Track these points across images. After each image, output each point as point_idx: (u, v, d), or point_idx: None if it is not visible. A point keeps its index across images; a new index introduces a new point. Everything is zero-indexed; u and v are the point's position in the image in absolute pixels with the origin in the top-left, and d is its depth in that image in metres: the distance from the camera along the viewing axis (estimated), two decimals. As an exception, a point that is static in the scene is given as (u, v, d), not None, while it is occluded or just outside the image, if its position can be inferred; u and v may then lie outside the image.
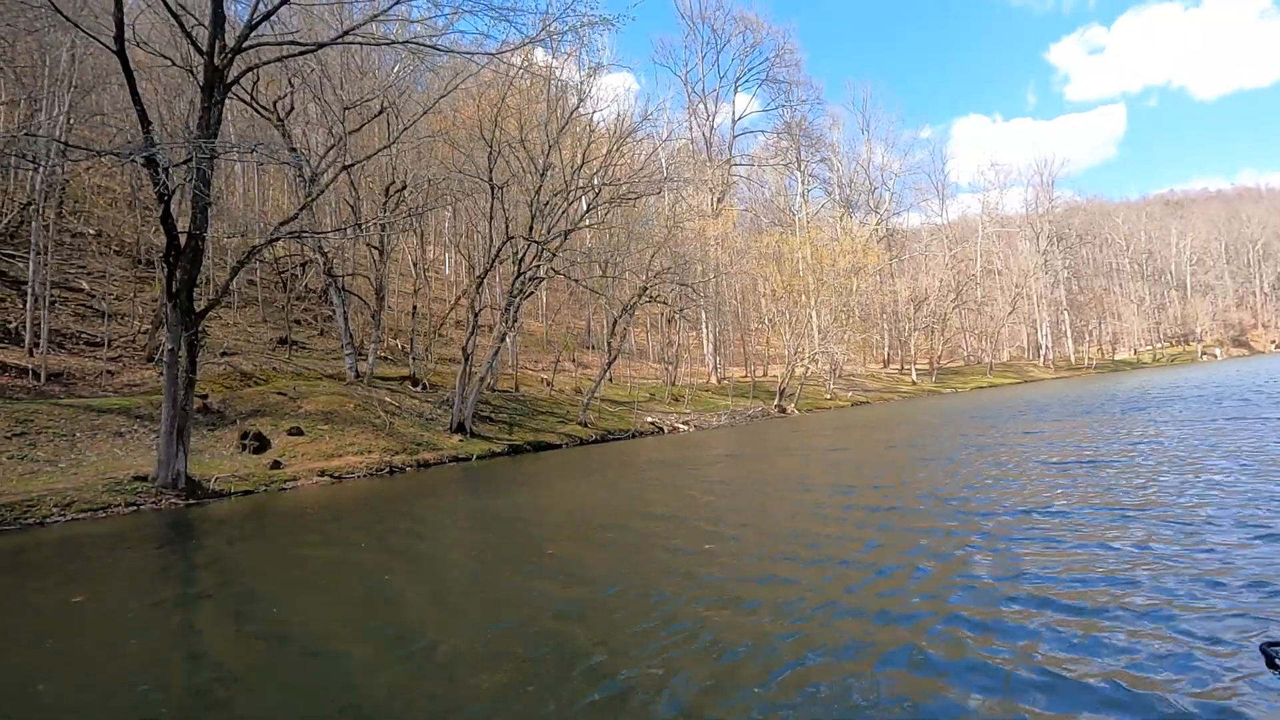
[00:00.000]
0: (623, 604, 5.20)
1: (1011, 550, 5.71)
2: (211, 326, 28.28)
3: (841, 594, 5.00)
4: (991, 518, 6.98)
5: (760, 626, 4.45)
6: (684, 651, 4.11)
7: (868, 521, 7.47)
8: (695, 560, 6.36)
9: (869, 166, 73.54)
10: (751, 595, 5.18)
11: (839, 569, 5.72)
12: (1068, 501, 7.35)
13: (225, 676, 4.42)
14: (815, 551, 6.38)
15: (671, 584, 5.61)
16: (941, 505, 7.92)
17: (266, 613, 5.86)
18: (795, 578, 5.57)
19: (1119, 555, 5.28)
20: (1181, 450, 10.00)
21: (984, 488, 8.80)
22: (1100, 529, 6.11)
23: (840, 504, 8.75)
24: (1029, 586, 4.76)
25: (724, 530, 7.77)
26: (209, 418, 18.00)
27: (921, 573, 5.32)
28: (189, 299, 13.19)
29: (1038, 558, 5.43)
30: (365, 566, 7.24)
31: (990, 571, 5.20)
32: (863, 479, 10.95)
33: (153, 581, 7.49)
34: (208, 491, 14.13)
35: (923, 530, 6.72)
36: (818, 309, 44.66)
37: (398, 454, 18.56)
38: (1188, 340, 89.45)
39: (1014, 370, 68.72)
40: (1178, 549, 5.26)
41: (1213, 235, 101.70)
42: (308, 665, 4.50)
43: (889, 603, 4.72)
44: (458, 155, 21.76)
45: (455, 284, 41.10)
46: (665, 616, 4.76)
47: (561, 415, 27.10)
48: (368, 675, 4.16)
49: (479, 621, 5.07)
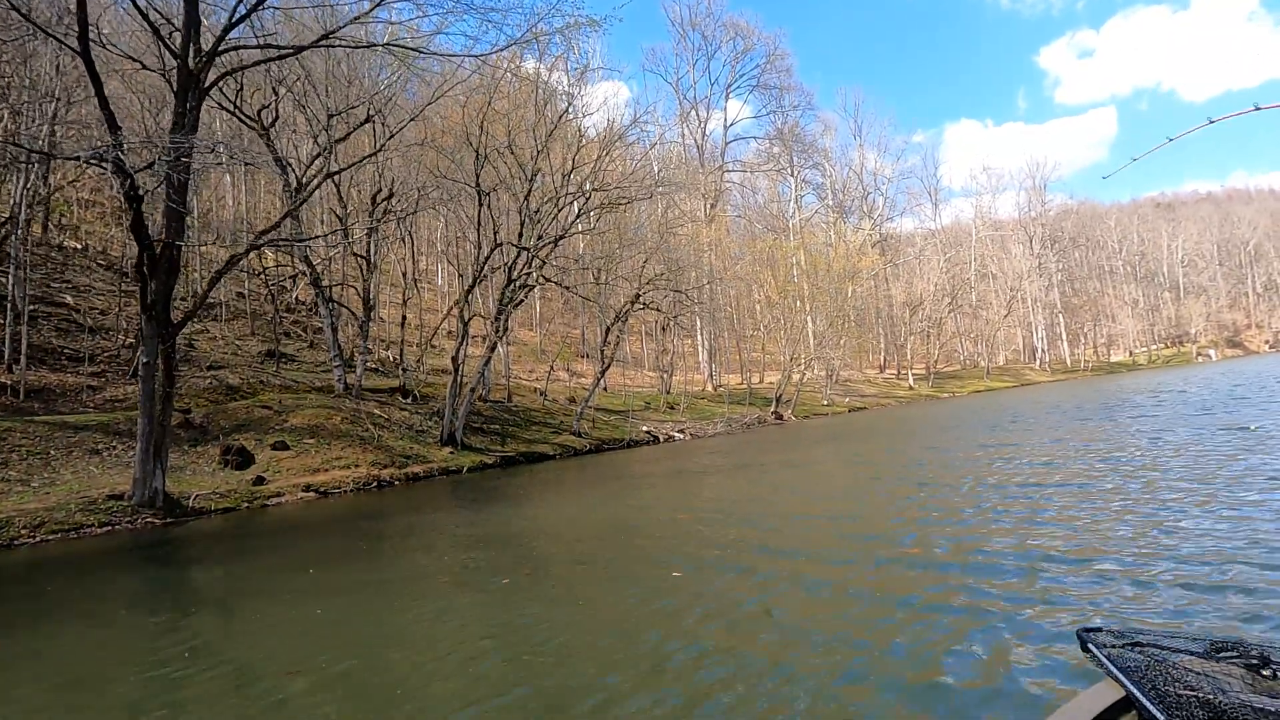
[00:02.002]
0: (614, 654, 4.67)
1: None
2: (199, 340, 27.83)
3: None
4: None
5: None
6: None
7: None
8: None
9: (862, 172, 73.59)
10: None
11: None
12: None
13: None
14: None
15: (675, 626, 4.81)
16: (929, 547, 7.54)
17: (214, 654, 5.11)
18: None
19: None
20: (1144, 470, 9.21)
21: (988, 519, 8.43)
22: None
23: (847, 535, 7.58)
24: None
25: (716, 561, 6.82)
26: (191, 433, 17.51)
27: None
28: (165, 311, 12.76)
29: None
30: (324, 598, 6.63)
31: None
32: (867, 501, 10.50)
33: (91, 611, 6.94)
34: (187, 510, 13.64)
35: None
36: (813, 315, 44.40)
37: (386, 467, 18.10)
38: (1182, 341, 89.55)
39: (1010, 374, 68.54)
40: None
41: (1205, 237, 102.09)
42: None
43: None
44: (445, 162, 21.40)
45: (448, 295, 40.70)
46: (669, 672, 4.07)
47: (555, 425, 26.65)
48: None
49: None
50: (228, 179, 39.54)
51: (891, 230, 75.80)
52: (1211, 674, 1.26)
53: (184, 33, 11.21)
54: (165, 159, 9.60)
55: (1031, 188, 79.79)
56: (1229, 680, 1.24)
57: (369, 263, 23.17)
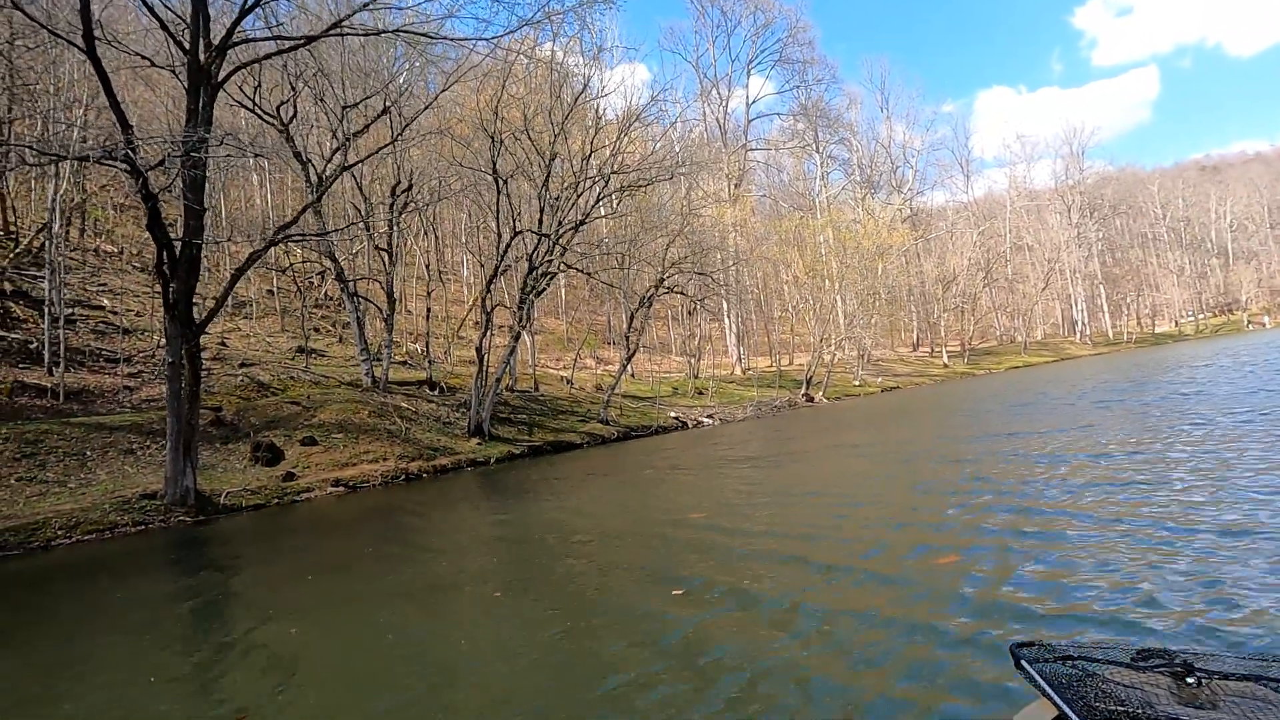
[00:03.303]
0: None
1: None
2: (230, 338, 28.25)
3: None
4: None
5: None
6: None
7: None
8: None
9: (890, 145, 71.67)
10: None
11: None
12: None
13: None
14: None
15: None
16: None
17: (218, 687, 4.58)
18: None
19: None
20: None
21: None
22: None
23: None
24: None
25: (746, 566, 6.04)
26: (222, 430, 17.69)
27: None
28: (188, 310, 12.76)
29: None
30: (317, 612, 6.12)
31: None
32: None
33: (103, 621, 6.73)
34: (218, 507, 13.74)
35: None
36: (843, 293, 43.44)
37: (413, 460, 18.08)
38: (1232, 309, 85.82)
39: (1050, 348, 66.52)
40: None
41: (1255, 199, 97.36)
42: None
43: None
44: (462, 151, 21.13)
45: (474, 286, 40.72)
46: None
47: (582, 414, 26.47)
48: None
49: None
50: (254, 179, 39.98)
51: (922, 205, 73.90)
52: (1139, 685, 1.29)
53: (192, 26, 11.08)
54: (175, 155, 9.47)
55: (1069, 155, 76.96)
56: (1156, 691, 1.27)
57: (391, 255, 23.11)
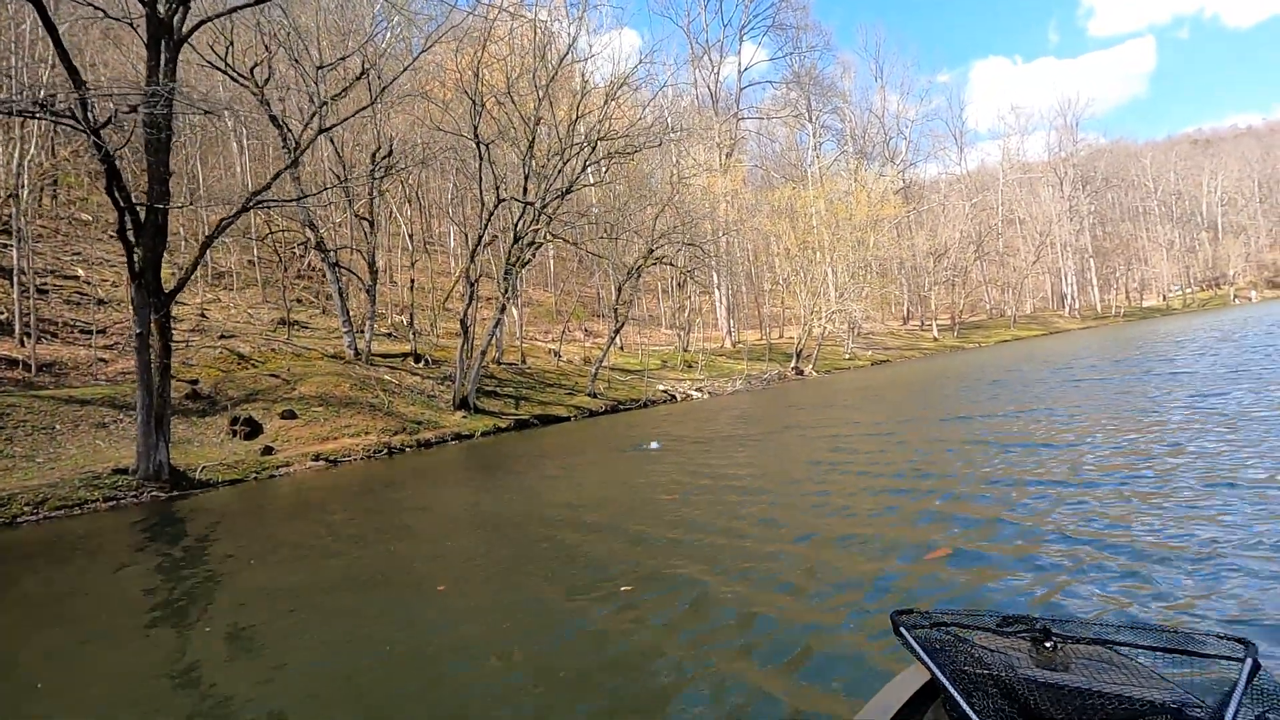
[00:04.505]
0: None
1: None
2: (211, 310, 27.64)
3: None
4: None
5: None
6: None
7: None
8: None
9: (883, 115, 70.72)
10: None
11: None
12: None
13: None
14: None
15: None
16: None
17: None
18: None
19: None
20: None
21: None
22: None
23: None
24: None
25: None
26: (199, 403, 17.27)
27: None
28: (156, 278, 12.27)
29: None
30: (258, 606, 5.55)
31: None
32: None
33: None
34: (193, 482, 13.40)
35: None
36: (834, 265, 43.08)
37: (396, 434, 17.77)
38: (1219, 283, 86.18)
39: (1039, 322, 66.66)
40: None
41: (1245, 173, 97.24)
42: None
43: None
44: (441, 114, 20.42)
45: (460, 257, 40.02)
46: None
47: (570, 386, 26.18)
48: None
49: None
50: (234, 146, 38.85)
51: (915, 176, 73.19)
52: (1003, 650, 1.36)
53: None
54: (124, 110, 8.92)
55: (1063, 127, 76.25)
56: (1017, 655, 1.34)
57: (372, 224, 22.50)
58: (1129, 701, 1.20)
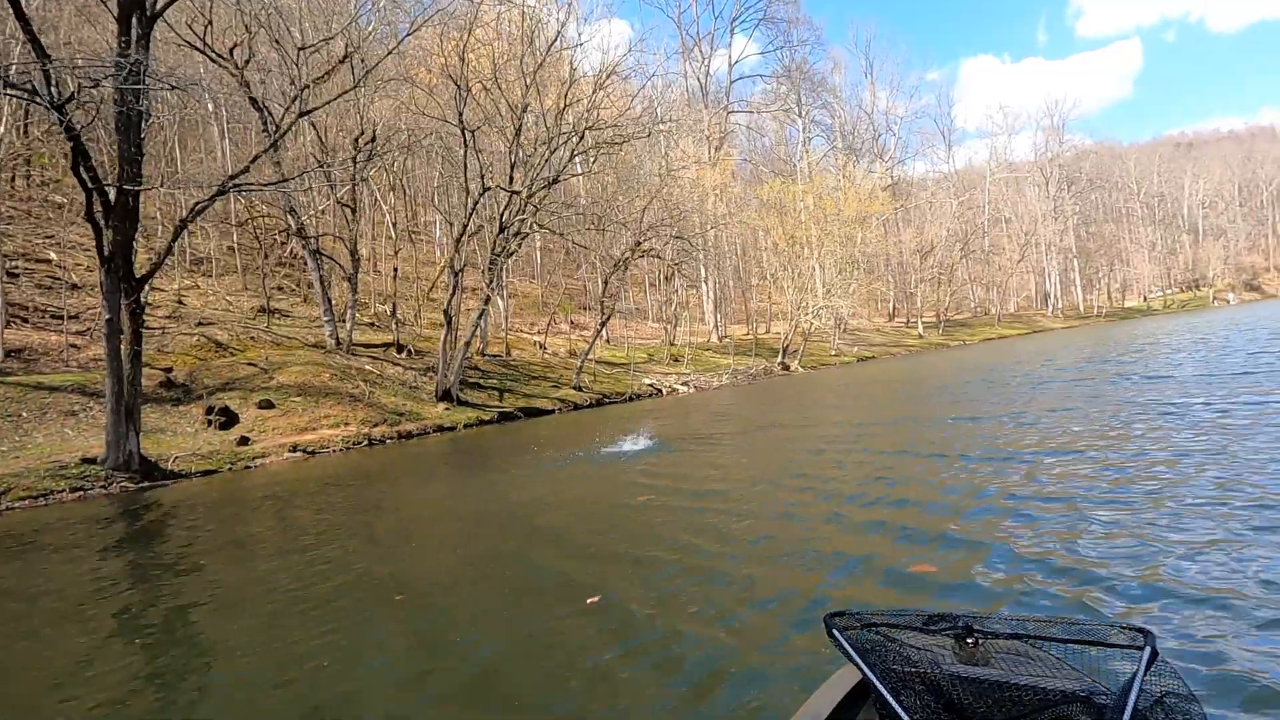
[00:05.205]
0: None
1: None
2: (188, 296, 27.05)
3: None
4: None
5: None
6: None
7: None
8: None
9: (873, 112, 70.77)
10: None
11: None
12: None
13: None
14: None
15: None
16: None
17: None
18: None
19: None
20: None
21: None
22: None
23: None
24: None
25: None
26: (173, 392, 16.85)
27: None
28: (127, 263, 11.87)
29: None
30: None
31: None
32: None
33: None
34: (165, 472, 13.05)
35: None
36: (821, 261, 43.04)
37: (376, 425, 17.46)
38: (1199, 285, 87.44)
39: (1022, 321, 67.22)
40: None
41: (1226, 177, 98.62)
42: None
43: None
44: (425, 99, 20.00)
45: (445, 247, 39.53)
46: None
47: (555, 379, 25.94)
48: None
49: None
50: (214, 130, 38.04)
51: (903, 174, 73.41)
52: (929, 647, 1.42)
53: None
54: (89, 86, 8.54)
55: (1049, 127, 76.73)
56: (942, 652, 1.41)
57: (354, 211, 22.07)
58: (1043, 691, 1.28)
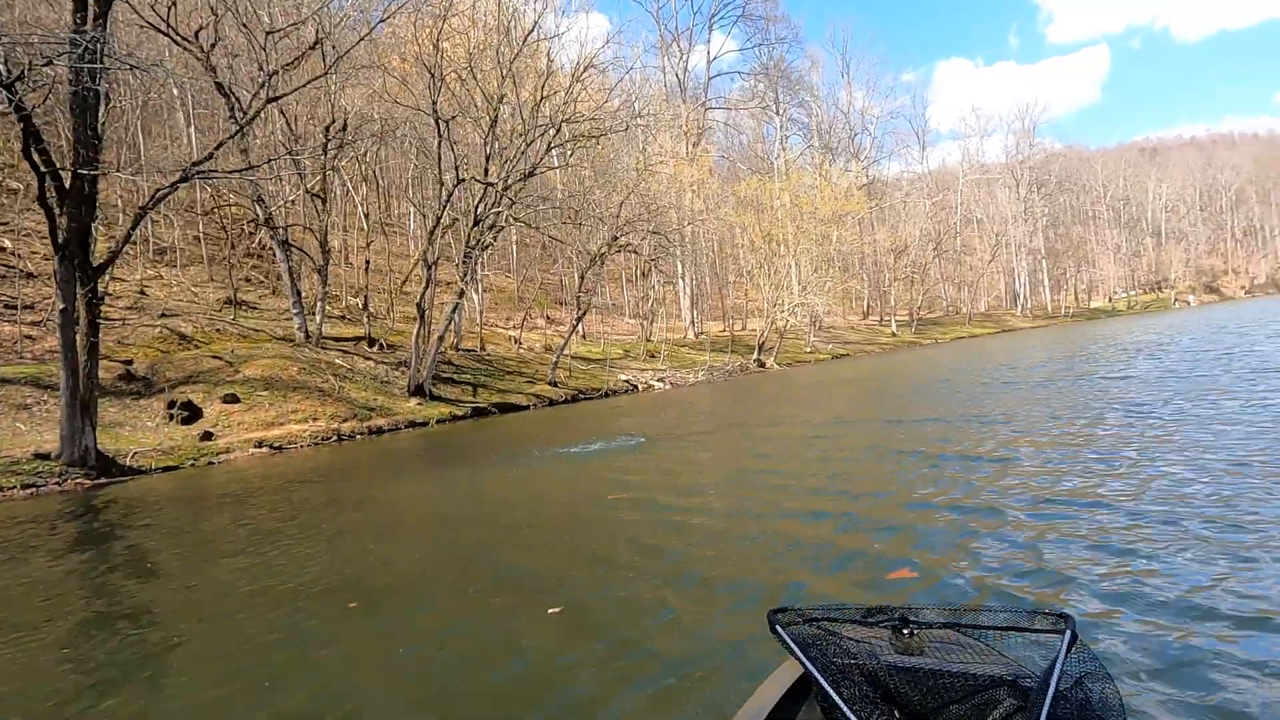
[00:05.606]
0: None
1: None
2: (151, 286, 26.26)
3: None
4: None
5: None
6: None
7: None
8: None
9: (849, 111, 71.33)
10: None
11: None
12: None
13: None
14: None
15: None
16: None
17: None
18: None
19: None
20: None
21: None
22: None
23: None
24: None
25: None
26: (133, 385, 16.31)
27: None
28: (83, 251, 11.42)
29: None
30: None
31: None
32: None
33: None
34: (123, 468, 12.61)
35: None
36: (797, 259, 43.27)
37: (346, 421, 17.10)
38: (1160, 287, 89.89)
39: (992, 320, 68.40)
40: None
41: (1188, 182, 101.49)
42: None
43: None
44: (398, 88, 19.60)
45: (420, 239, 38.93)
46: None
47: (530, 375, 25.69)
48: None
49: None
50: (180, 117, 36.93)
51: (878, 173, 74.16)
52: (868, 640, 1.48)
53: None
54: (39, 64, 8.14)
55: (1020, 130, 78.11)
56: (880, 644, 1.46)
57: (324, 201, 21.58)
58: (973, 677, 1.35)
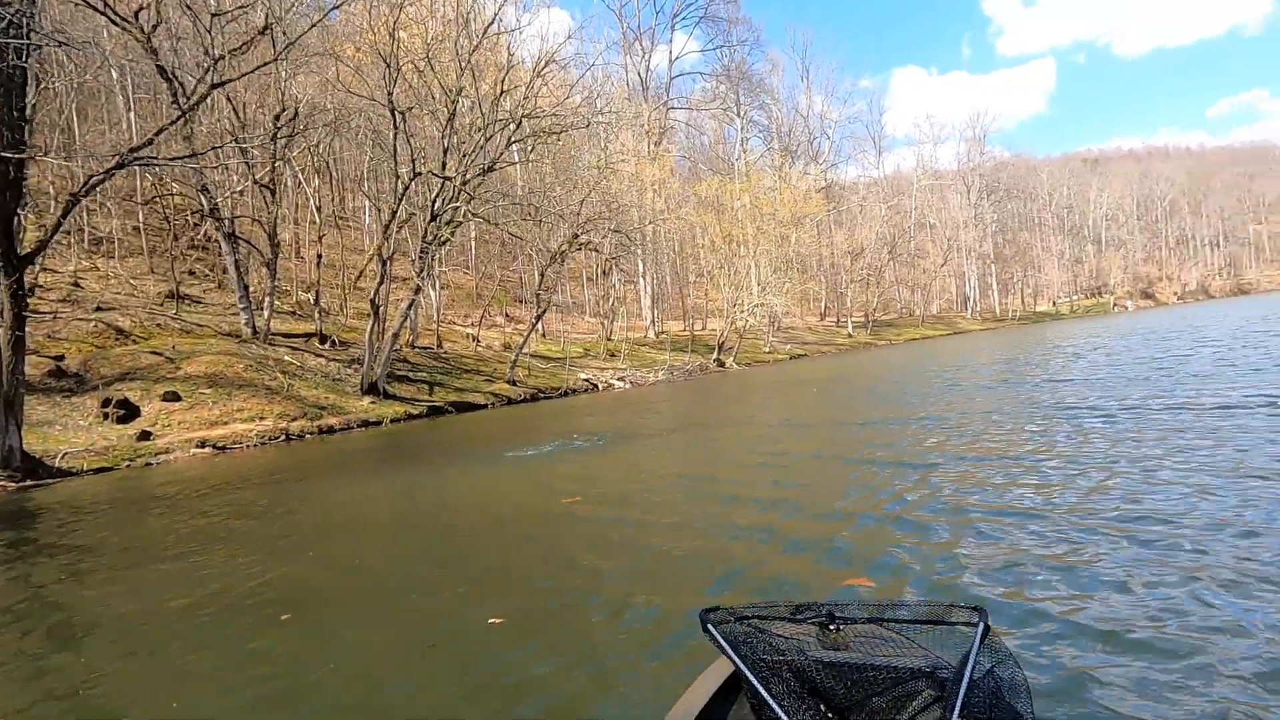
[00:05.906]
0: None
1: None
2: (86, 278, 24.98)
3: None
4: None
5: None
6: None
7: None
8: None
9: (808, 115, 72.41)
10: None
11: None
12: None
13: None
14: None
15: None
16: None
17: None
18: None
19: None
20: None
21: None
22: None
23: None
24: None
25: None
26: (64, 382, 15.47)
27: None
28: (7, 238, 10.75)
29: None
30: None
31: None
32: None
33: None
34: (52, 469, 11.93)
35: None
36: (757, 259, 43.72)
37: (295, 419, 16.54)
38: (1101, 292, 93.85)
39: (944, 322, 70.31)
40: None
41: (1126, 192, 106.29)
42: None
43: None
44: (358, 82, 19.06)
45: (375, 234, 37.99)
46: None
47: (488, 373, 25.31)
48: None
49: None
50: (119, 102, 35.22)
51: (836, 177, 75.52)
52: (795, 636, 1.52)
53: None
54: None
55: (972, 138, 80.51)
56: (807, 640, 1.50)
57: (273, 192, 20.85)
58: (895, 670, 1.39)
